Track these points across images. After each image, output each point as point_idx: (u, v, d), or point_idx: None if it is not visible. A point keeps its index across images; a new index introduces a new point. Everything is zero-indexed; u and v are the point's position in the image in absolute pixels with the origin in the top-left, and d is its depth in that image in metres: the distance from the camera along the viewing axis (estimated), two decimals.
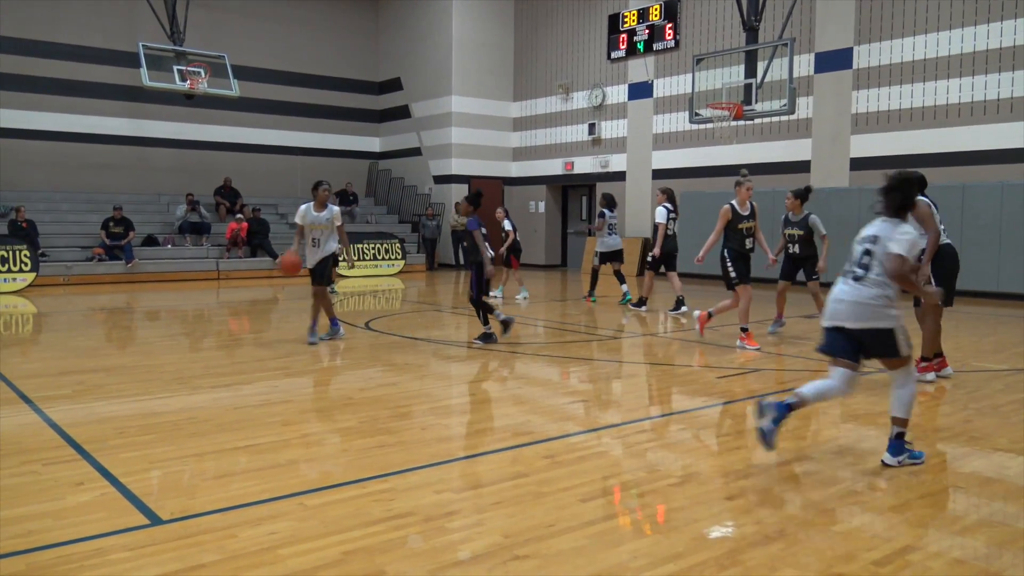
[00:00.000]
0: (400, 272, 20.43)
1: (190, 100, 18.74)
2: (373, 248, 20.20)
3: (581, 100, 21.57)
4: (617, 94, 20.69)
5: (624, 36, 20.22)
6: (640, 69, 19.97)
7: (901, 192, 4.48)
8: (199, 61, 17.62)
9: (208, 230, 19.59)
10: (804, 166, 16.68)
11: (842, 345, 4.51)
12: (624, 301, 12.67)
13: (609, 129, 20.96)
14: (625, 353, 8.94)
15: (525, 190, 23.41)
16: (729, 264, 8.69)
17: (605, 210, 12.77)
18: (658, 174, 19.45)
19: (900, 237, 4.36)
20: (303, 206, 8.84)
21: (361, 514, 3.74)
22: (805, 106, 16.45)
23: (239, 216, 19.64)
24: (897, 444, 4.49)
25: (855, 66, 15.84)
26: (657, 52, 19.51)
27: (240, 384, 6.85)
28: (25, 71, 19.17)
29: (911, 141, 14.99)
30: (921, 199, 6.44)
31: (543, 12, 22.51)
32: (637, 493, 4.14)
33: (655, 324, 11.00)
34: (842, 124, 16.11)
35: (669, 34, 19.15)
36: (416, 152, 23.92)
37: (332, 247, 8.87)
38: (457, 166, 22.77)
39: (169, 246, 18.91)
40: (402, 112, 24.27)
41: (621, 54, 20.32)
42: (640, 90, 20.06)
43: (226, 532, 3.50)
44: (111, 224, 17.62)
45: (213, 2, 21.09)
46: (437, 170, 23.22)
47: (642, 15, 19.69)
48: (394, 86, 24.45)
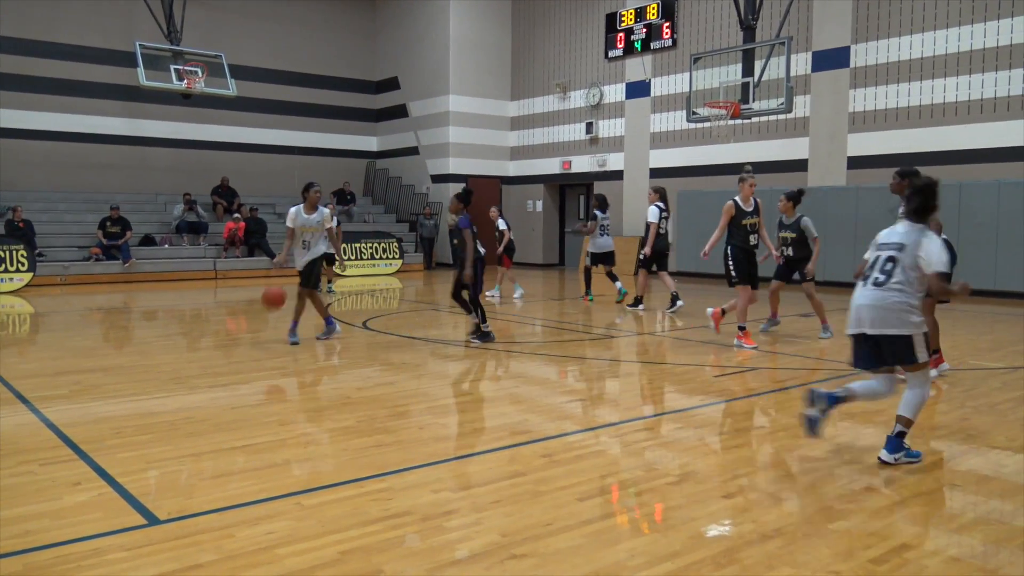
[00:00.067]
0: (398, 271, 20.43)
1: (187, 100, 18.72)
2: (371, 247, 20.19)
3: (578, 99, 21.56)
4: (614, 93, 20.69)
5: (621, 35, 20.28)
6: (637, 68, 19.98)
7: (923, 196, 4.54)
8: (196, 61, 17.58)
9: (205, 230, 19.58)
10: (801, 165, 16.70)
11: (869, 355, 4.57)
12: (620, 298, 12.68)
13: (606, 128, 20.96)
14: (622, 352, 8.95)
15: (523, 189, 23.42)
16: (730, 262, 8.69)
17: (597, 211, 12.81)
18: (655, 173, 19.45)
19: (934, 251, 4.38)
20: (293, 208, 8.79)
21: (358, 513, 3.74)
22: (802, 105, 16.47)
23: (236, 216, 19.62)
24: (896, 442, 4.51)
25: (852, 65, 15.85)
26: (654, 51, 19.58)
27: (237, 384, 6.85)
28: (22, 71, 19.14)
29: (908, 140, 15.01)
30: None
31: (540, 11, 22.50)
32: (634, 492, 4.15)
33: (652, 323, 11.01)
34: (839, 123, 16.12)
35: (666, 33, 19.21)
36: (413, 151, 23.91)
37: (321, 249, 8.85)
38: (455, 165, 22.77)
39: (166, 246, 18.89)
40: (399, 111, 24.26)
41: (618, 53, 20.39)
42: (637, 89, 20.06)
43: (223, 532, 3.50)
44: (108, 224, 17.61)
45: (210, 1, 21.06)
46: (435, 169, 23.21)
47: (639, 14, 19.74)
48: (391, 85, 24.44)
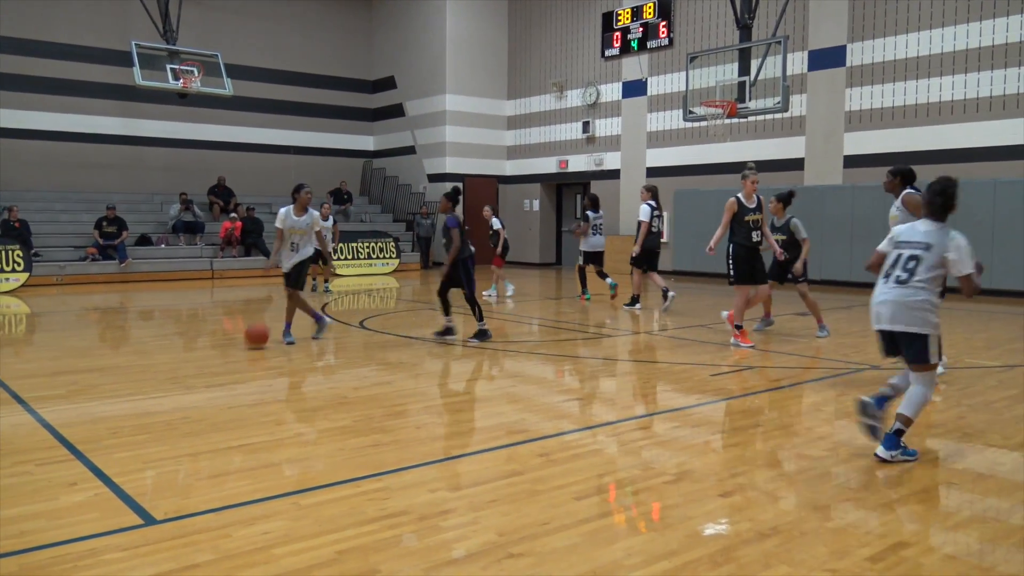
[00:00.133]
0: (395, 271, 20.41)
1: (183, 99, 18.68)
2: (367, 247, 20.17)
3: (575, 98, 21.56)
4: (611, 92, 20.69)
5: (618, 34, 20.28)
6: (634, 67, 19.98)
7: (947, 196, 4.60)
8: (192, 60, 17.55)
9: (202, 229, 19.54)
10: (798, 164, 16.71)
11: (894, 348, 4.69)
12: (613, 292, 12.91)
13: (603, 127, 20.97)
14: (619, 351, 8.95)
15: (519, 188, 23.41)
16: (731, 261, 8.70)
17: (589, 212, 12.92)
18: (652, 172, 19.46)
19: (964, 252, 4.48)
20: (283, 209, 8.72)
21: (355, 513, 3.74)
22: (798, 104, 16.48)
23: (233, 215, 19.59)
24: (894, 439, 4.52)
25: (848, 64, 15.87)
26: (651, 50, 19.58)
27: (234, 384, 6.84)
28: (18, 70, 19.09)
29: (904, 138, 15.03)
30: (912, 191, 6.51)
31: (537, 10, 22.50)
32: (631, 491, 4.15)
33: (649, 322, 11.01)
34: (835, 122, 16.14)
35: (663, 32, 19.22)
36: (410, 151, 23.89)
37: (309, 251, 8.80)
38: (451, 164, 22.76)
39: (163, 245, 18.86)
40: (396, 111, 24.24)
41: (615, 52, 20.40)
42: (634, 88, 20.07)
43: (220, 532, 3.50)
44: (104, 224, 17.57)
45: (206, 1, 21.04)
46: (431, 169, 23.20)
47: (636, 13, 19.74)
48: (388, 84, 24.42)
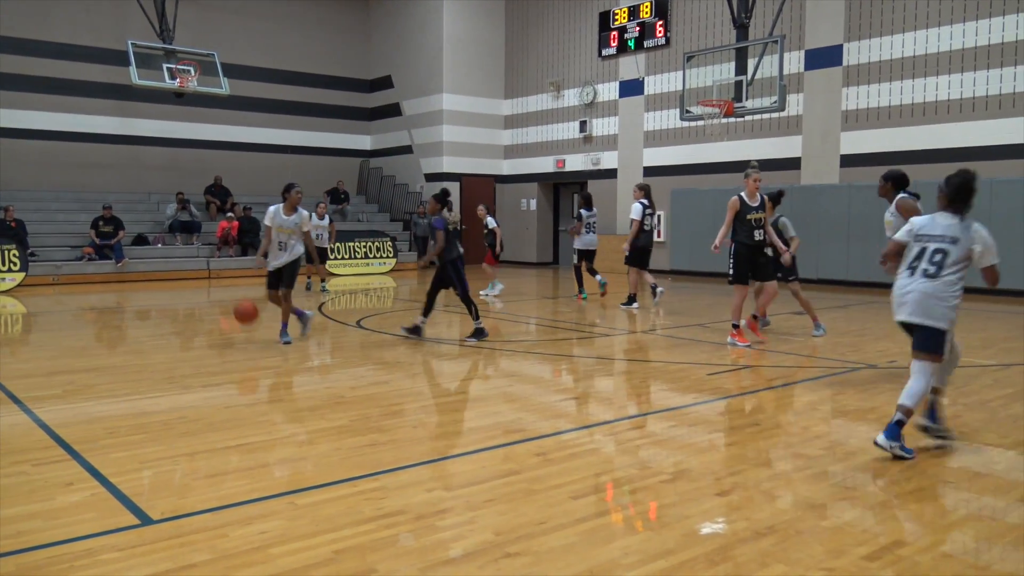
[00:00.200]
0: (392, 270, 20.40)
1: (180, 98, 18.65)
2: (364, 246, 20.16)
3: (572, 98, 21.56)
4: (608, 91, 20.70)
5: (615, 33, 20.29)
6: (631, 66, 19.99)
7: (970, 191, 4.69)
8: (189, 59, 17.52)
9: (198, 229, 19.52)
10: (794, 163, 16.73)
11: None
12: (603, 289, 13.04)
13: (600, 127, 20.97)
14: (616, 350, 8.96)
15: (517, 188, 23.41)
16: (731, 260, 8.73)
17: (582, 210, 13.01)
18: (649, 171, 19.47)
19: (987, 242, 4.63)
20: (272, 207, 8.72)
21: (352, 513, 3.74)
22: (795, 103, 16.50)
23: (230, 215, 19.57)
24: (896, 430, 4.54)
25: (845, 63, 15.88)
26: (648, 49, 19.59)
27: (231, 383, 6.84)
28: (13, 70, 19.05)
29: (901, 138, 15.05)
30: (905, 196, 6.53)
31: (534, 9, 22.49)
32: (628, 490, 4.15)
33: (646, 321, 11.02)
34: (832, 121, 16.16)
35: (660, 31, 19.23)
36: (407, 150, 23.88)
37: (300, 250, 8.79)
38: (448, 164, 22.75)
39: (159, 245, 18.83)
40: (393, 110, 24.22)
41: (612, 51, 20.40)
42: (631, 87, 20.08)
43: (217, 532, 3.50)
44: (101, 223, 17.54)
45: (203, 0, 21.00)
46: (428, 168, 23.19)
47: (633, 12, 19.75)
48: (385, 84, 24.40)
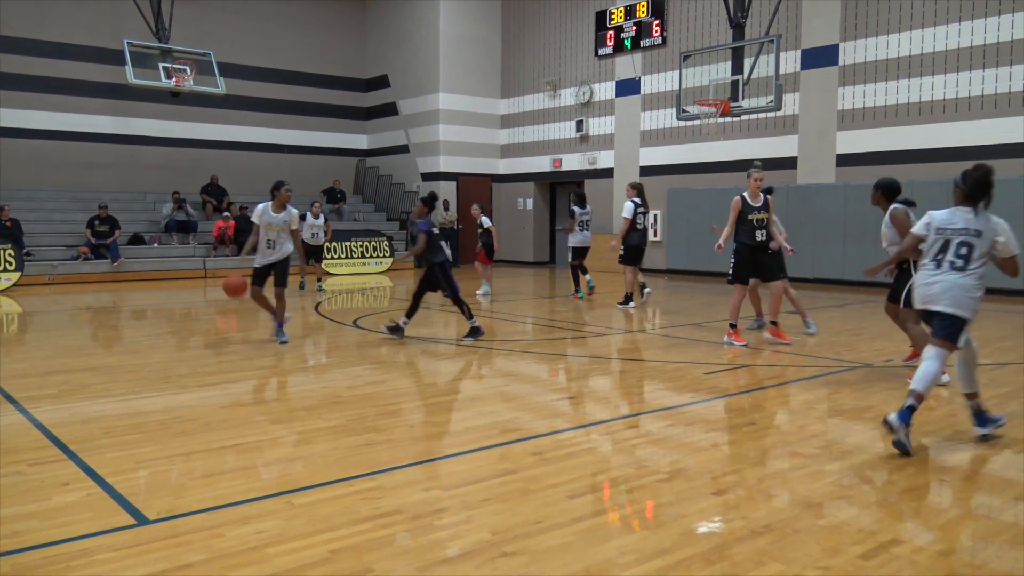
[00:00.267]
0: (388, 270, 20.40)
1: (176, 98, 18.61)
2: (361, 246, 20.15)
3: (569, 97, 21.56)
4: (604, 91, 20.70)
5: (611, 33, 20.29)
6: (627, 66, 19.99)
7: (985, 184, 4.77)
8: (185, 58, 17.48)
9: (195, 228, 19.49)
10: (791, 162, 16.75)
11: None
12: (590, 290, 13.26)
13: (597, 126, 20.98)
14: (612, 349, 8.97)
15: (513, 187, 23.41)
16: (732, 260, 8.74)
17: (576, 208, 13.06)
18: (645, 171, 19.48)
19: (1008, 233, 4.77)
20: (260, 205, 8.66)
21: (349, 512, 3.73)
22: (791, 103, 16.52)
23: (226, 214, 19.54)
24: (908, 414, 4.59)
25: (841, 63, 15.90)
26: (644, 49, 19.60)
27: (227, 383, 6.83)
28: (9, 69, 19.00)
29: (897, 137, 15.07)
30: (897, 206, 6.52)
31: (530, 9, 22.49)
32: (625, 489, 4.16)
33: (643, 321, 11.03)
34: (828, 120, 16.18)
35: (656, 31, 19.24)
36: (404, 149, 23.86)
37: (289, 249, 8.75)
38: (445, 163, 22.74)
39: (155, 245, 18.80)
40: (390, 109, 24.21)
41: (608, 51, 20.41)
42: (627, 87, 20.08)
43: (213, 531, 3.49)
44: (97, 223, 17.51)
45: None
46: (425, 167, 23.17)
47: (629, 12, 19.76)
48: (381, 83, 24.38)
